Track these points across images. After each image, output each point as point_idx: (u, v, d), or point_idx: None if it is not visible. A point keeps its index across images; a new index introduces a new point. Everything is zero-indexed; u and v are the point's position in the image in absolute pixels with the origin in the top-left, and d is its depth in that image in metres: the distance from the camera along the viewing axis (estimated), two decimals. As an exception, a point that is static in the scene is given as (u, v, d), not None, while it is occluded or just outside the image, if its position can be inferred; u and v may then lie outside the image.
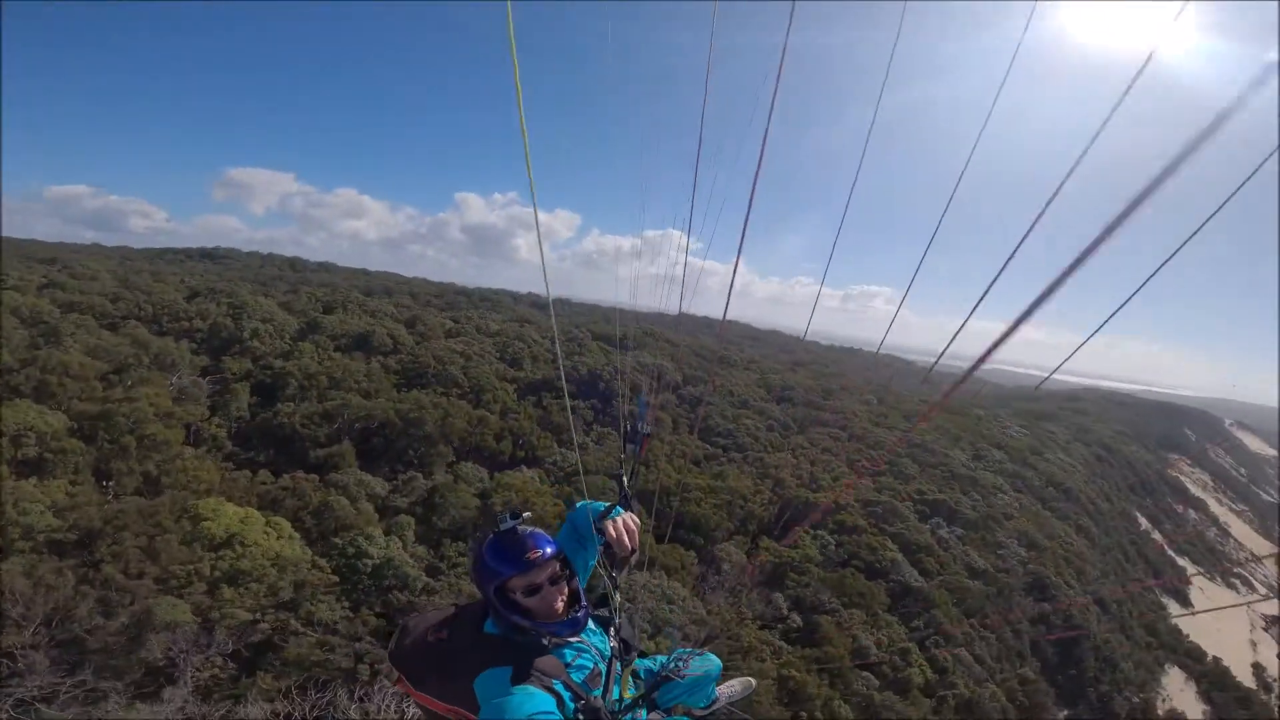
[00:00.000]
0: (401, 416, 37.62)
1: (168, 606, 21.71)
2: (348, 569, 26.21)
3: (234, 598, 23.55)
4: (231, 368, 41.20)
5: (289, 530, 27.50)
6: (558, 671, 2.83)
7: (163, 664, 20.57)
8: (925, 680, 28.90)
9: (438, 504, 31.00)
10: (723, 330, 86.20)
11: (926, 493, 45.09)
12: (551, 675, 2.79)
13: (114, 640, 20.50)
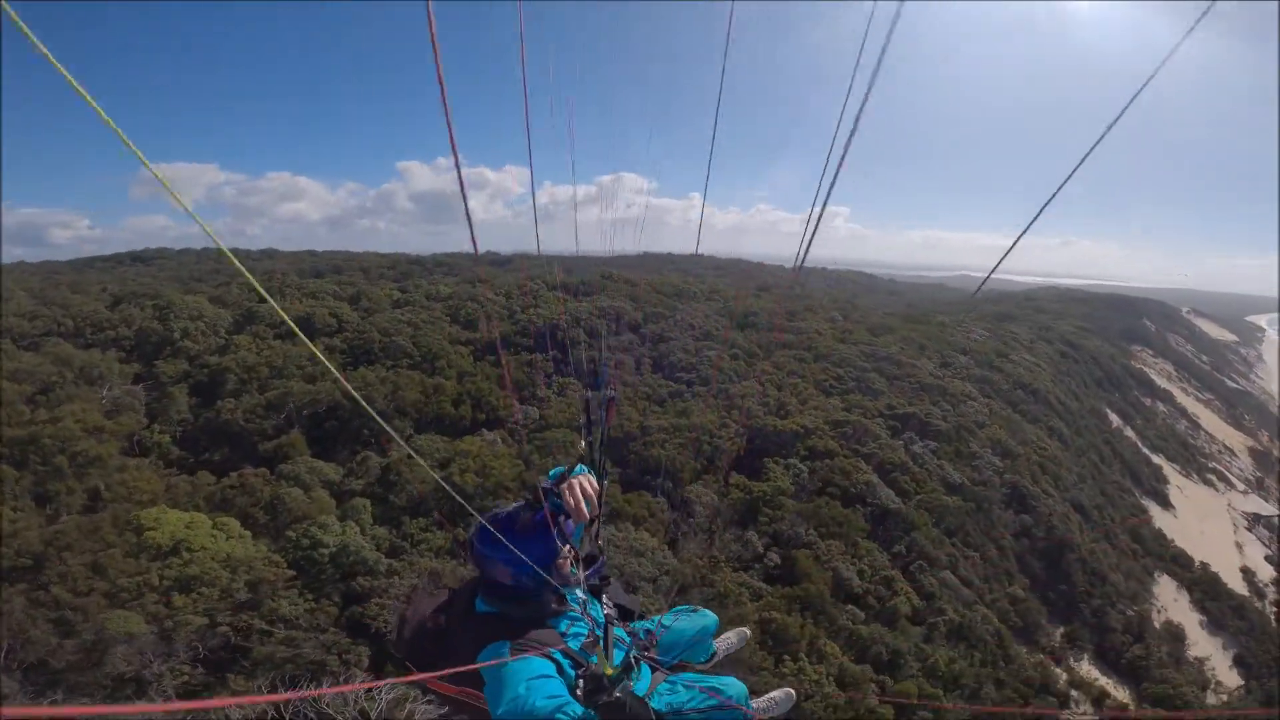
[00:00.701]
0: (348, 396, 35.58)
1: (119, 620, 20.94)
2: (305, 561, 24.80)
3: (186, 604, 22.43)
4: (166, 370, 38.67)
5: (238, 530, 25.88)
6: (555, 641, 2.96)
7: (130, 676, 20.05)
8: (912, 608, 28.08)
9: (393, 482, 29.40)
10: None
11: (896, 407, 43.99)
12: (549, 645, 2.90)
13: (76, 659, 20.16)
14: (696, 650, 3.98)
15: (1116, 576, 36.72)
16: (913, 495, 35.78)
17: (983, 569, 32.97)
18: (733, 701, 3.47)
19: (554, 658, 2.90)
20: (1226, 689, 33.17)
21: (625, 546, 25.12)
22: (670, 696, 3.42)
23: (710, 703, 3.44)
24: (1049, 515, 37.59)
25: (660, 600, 24.14)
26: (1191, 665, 34.08)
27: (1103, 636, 33.31)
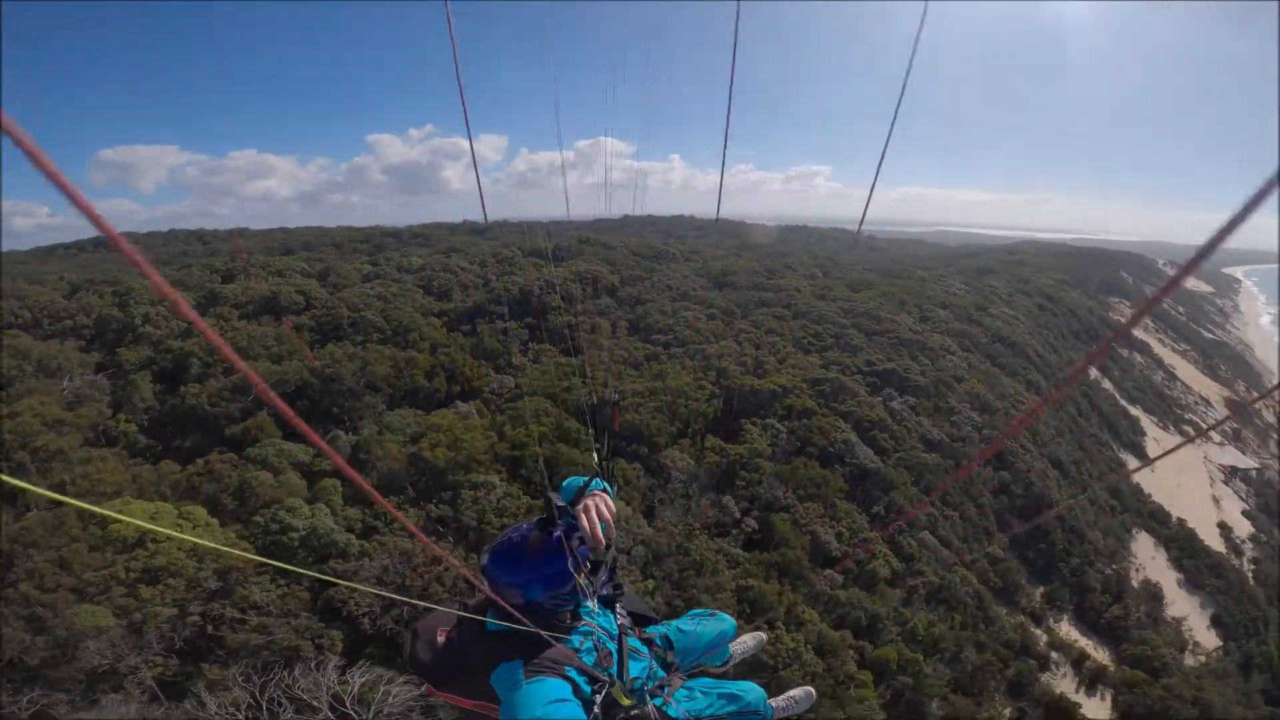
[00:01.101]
0: (317, 374, 34.53)
1: (88, 614, 20.64)
2: (275, 546, 24.12)
3: (153, 596, 21.86)
4: (128, 358, 37.27)
5: (204, 517, 25.05)
6: (568, 659, 2.89)
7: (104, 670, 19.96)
8: (892, 571, 27.71)
9: (363, 460, 28.58)
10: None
11: (876, 363, 43.36)
12: (563, 663, 2.83)
13: (49, 655, 20.03)
14: (714, 655, 3.95)
15: (1095, 534, 36.50)
16: (892, 453, 35.36)
17: (962, 528, 32.62)
18: (751, 706, 3.53)
19: (569, 676, 2.84)
20: (1205, 650, 33.22)
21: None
22: (688, 703, 3.36)
23: (729, 708, 3.46)
24: (1027, 472, 37.28)
25: (635, 571, 23.74)
26: (1170, 625, 34.01)
27: (1082, 596, 33.17)
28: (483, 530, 24.80)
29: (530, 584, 2.94)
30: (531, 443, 29.01)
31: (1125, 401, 59.09)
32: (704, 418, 33.88)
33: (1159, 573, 37.90)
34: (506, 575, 2.95)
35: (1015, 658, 26.79)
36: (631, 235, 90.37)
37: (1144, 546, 40.32)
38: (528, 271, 53.61)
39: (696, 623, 3.92)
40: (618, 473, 28.43)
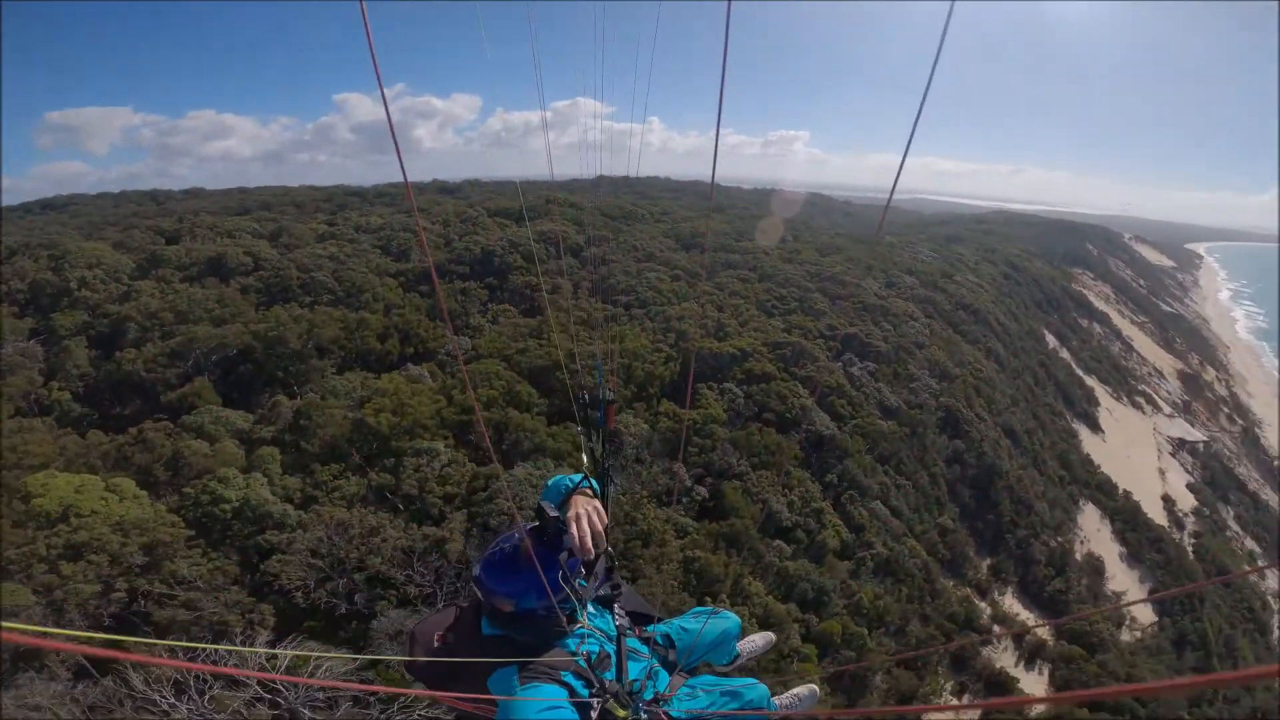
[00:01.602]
0: (260, 338, 32.84)
1: (7, 594, 19.25)
2: (207, 518, 22.88)
3: (75, 573, 20.56)
4: (63, 322, 35.21)
5: (133, 490, 23.65)
6: (565, 663, 2.86)
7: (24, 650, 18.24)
8: (841, 542, 27.24)
9: (304, 427, 27.24)
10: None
11: (838, 328, 42.64)
12: (559, 668, 2.82)
13: None
14: (718, 653, 3.91)
15: (1042, 505, 36.45)
16: (848, 420, 34.78)
17: (914, 498, 32.27)
18: (754, 704, 3.42)
19: (565, 680, 2.79)
20: (1140, 625, 33.54)
21: (540, 485, 23.58)
22: (690, 702, 3.27)
23: (732, 705, 3.36)
24: (980, 440, 37.03)
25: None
26: (1109, 599, 34.21)
27: (1027, 569, 33.17)
28: (424, 499, 23.75)
29: (524, 594, 2.88)
30: (479, 407, 27.84)
31: (1081, 371, 59.39)
32: (660, 381, 32.87)
33: (1103, 546, 38.14)
34: (500, 586, 2.90)
35: (959, 631, 26.69)
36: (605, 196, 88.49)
37: (1090, 519, 40.49)
38: (491, 231, 51.87)
39: (699, 621, 3.86)
40: (565, 437, 27.57)
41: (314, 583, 20.60)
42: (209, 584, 20.68)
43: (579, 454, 20.98)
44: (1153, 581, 36.76)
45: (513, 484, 23.68)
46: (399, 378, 30.84)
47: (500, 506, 22.89)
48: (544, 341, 34.37)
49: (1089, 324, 72.73)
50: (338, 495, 24.60)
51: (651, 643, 3.51)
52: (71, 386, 32.31)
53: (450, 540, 21.96)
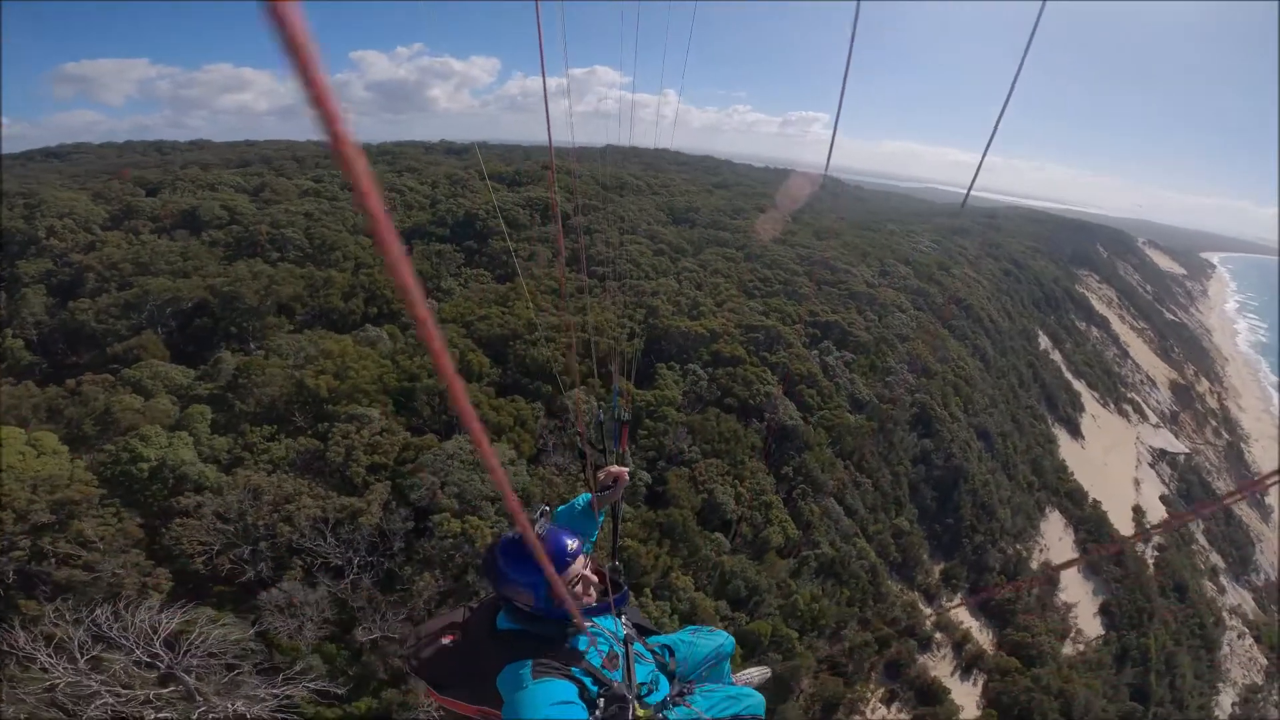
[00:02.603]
0: (216, 293, 31.42)
1: None
2: (123, 476, 21.63)
3: (-26, 530, 19.42)
4: (27, 270, 34.07)
5: (54, 444, 22.41)
6: (575, 659, 2.85)
7: None
8: (786, 538, 25.57)
9: (241, 386, 25.90)
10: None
11: (819, 314, 40.75)
12: (570, 664, 2.80)
13: None
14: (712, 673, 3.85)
15: (1005, 511, 34.63)
16: (815, 411, 33.04)
17: (872, 497, 30.61)
18: (752, 709, 3.45)
19: (576, 677, 2.77)
20: (1085, 639, 31.97)
21: (469, 460, 22.16)
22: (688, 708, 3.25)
23: (731, 709, 3.39)
24: (950, 441, 35.19)
25: (502, 521, 21.59)
26: (1057, 612, 32.66)
27: (979, 576, 31.51)
28: (348, 467, 22.40)
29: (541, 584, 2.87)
30: (422, 374, 26.36)
31: (1071, 374, 56.99)
32: (621, 358, 31.20)
33: (1062, 555, 36.31)
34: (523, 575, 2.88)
35: (898, 637, 25.22)
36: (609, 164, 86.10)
37: (1054, 526, 38.71)
38: (480, 195, 50.03)
39: (696, 636, 3.86)
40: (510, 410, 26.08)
41: (218, 549, 19.41)
42: (109, 546, 19.55)
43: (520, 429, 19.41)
44: (1106, 595, 35.11)
45: (439, 457, 22.26)
46: (348, 340, 29.37)
47: (424, 480, 21.54)
48: (507, 310, 32.76)
49: (1087, 327, 69.96)
50: (265, 459, 23.33)
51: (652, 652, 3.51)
52: (26, 335, 31.29)
53: (366, 512, 20.66)
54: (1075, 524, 39.37)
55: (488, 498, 21.63)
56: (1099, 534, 38.63)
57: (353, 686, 17.60)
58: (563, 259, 31.11)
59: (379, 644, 18.22)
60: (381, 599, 19.15)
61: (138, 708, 15.02)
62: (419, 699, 16.79)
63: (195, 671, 15.90)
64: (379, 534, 20.52)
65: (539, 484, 23.05)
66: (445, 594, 19.57)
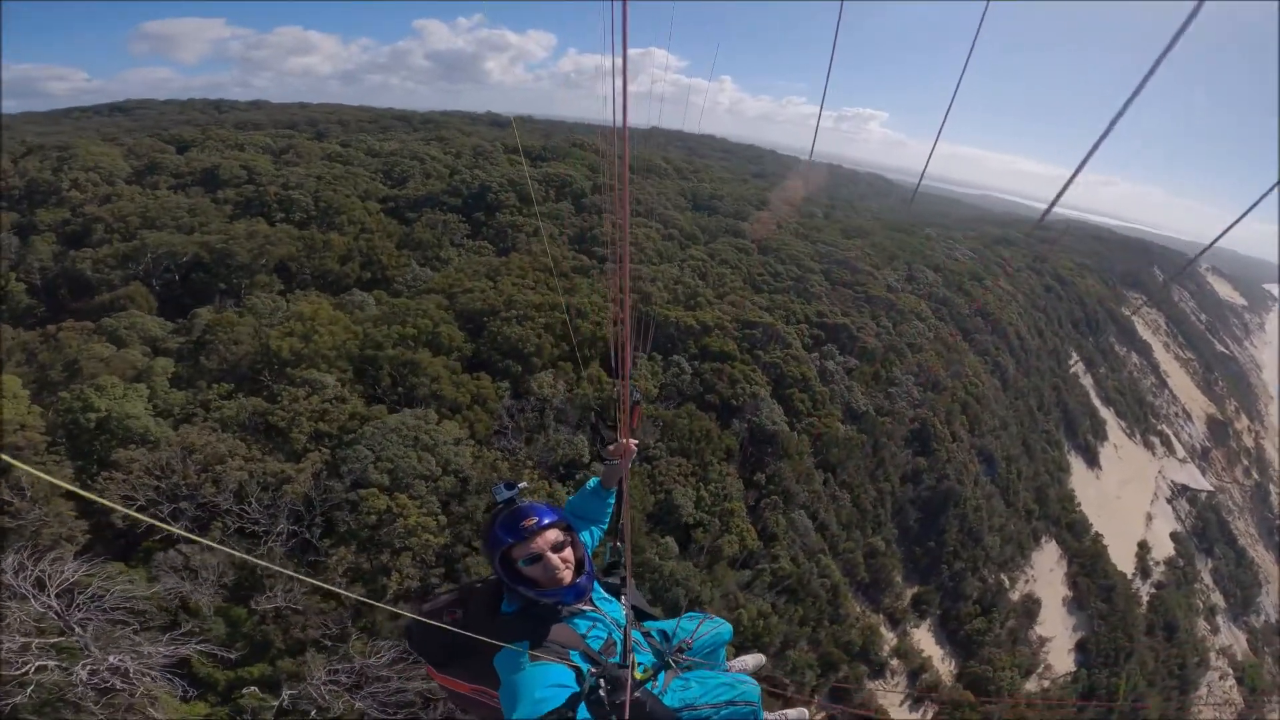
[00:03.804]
0: (210, 250, 31.02)
1: None
2: (72, 425, 21.22)
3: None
4: (44, 218, 34.47)
5: (15, 389, 22.14)
6: (574, 642, 2.88)
7: None
8: (745, 549, 23.74)
9: (207, 342, 25.32)
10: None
11: (827, 315, 38.30)
12: (568, 646, 2.83)
13: None
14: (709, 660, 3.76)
15: (993, 539, 31.96)
16: (803, 418, 30.92)
17: (848, 513, 28.42)
18: (746, 697, 3.30)
19: (572, 660, 2.77)
20: (1054, 674, 29.45)
21: (410, 437, 21.01)
22: (683, 693, 3.24)
23: (725, 696, 3.27)
24: (946, 461, 32.60)
25: (435, 502, 20.44)
26: (1028, 645, 30.20)
27: (953, 604, 29.16)
28: (288, 433, 21.51)
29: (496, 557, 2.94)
30: (388, 344, 25.30)
31: (1100, 401, 52.84)
32: (602, 343, 29.63)
33: (1050, 587, 33.81)
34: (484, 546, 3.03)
35: (849, 661, 23.22)
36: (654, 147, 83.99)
37: (1047, 557, 35.93)
38: (501, 167, 48.85)
39: (693, 623, 3.80)
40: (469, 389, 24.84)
41: (138, 505, 18.76)
42: (36, 494, 19.11)
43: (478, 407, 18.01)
44: (1086, 631, 32.32)
45: (381, 430, 21.17)
46: (325, 303, 28.56)
47: (357, 454, 20.48)
48: (494, 284, 31.49)
49: (1126, 352, 65.03)
50: (216, 417, 22.68)
51: (648, 636, 3.51)
52: (31, 280, 31.55)
53: (295, 480, 19.75)
54: (1070, 556, 36.42)
55: (422, 476, 20.49)
56: (1093, 568, 35.62)
57: (248, 652, 16.84)
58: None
59: (281, 612, 17.36)
60: (292, 568, 18.25)
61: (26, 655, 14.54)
62: (312, 671, 15.91)
63: (92, 626, 15.27)
64: (305, 503, 19.61)
65: (481, 468, 21.74)
66: (357, 570, 18.58)
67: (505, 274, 32.72)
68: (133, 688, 14.04)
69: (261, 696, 15.74)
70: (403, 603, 18.83)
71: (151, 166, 40.62)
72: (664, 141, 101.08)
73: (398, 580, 18.46)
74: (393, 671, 16.68)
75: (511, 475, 21.99)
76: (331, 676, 15.95)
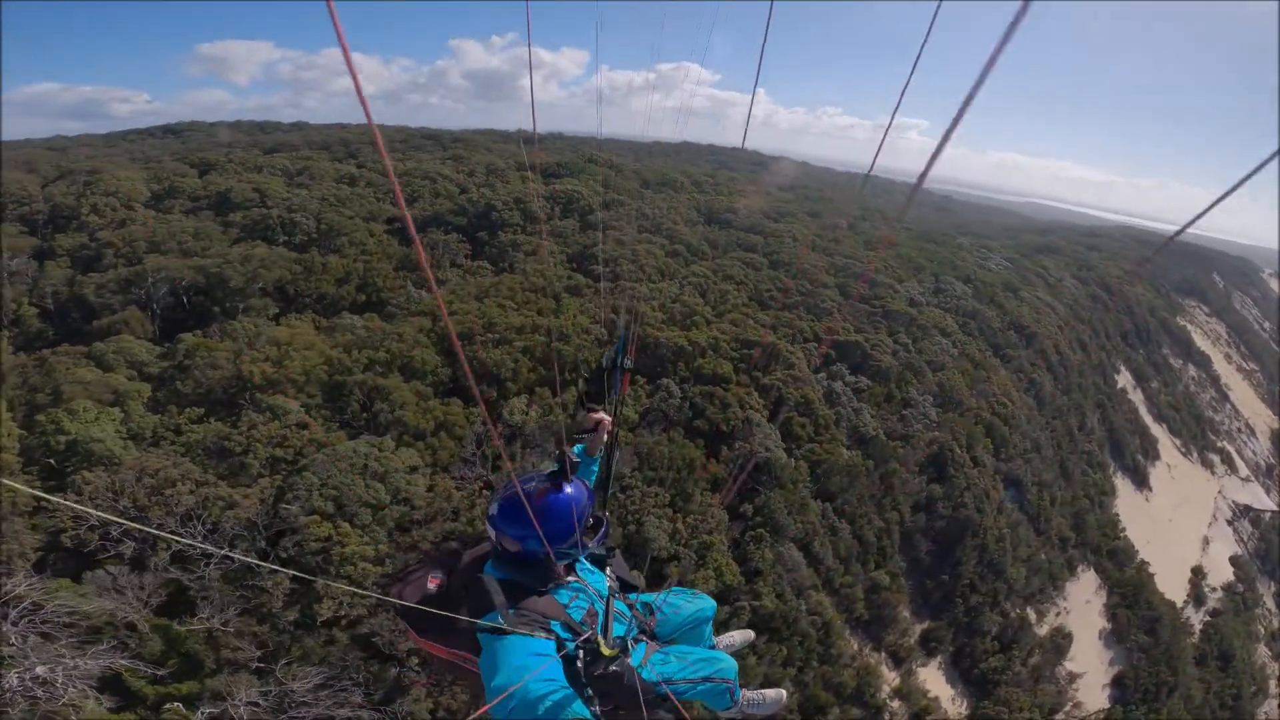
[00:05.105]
0: (204, 274, 31.15)
1: None
2: (42, 449, 21.24)
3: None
4: (62, 244, 35.40)
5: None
6: (556, 612, 2.87)
7: None
8: (723, 585, 21.90)
9: (185, 366, 25.13)
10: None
11: (839, 332, 36.05)
12: (549, 616, 2.82)
13: None
14: (692, 635, 3.75)
15: (1017, 571, 29.13)
16: (803, 444, 28.92)
17: (848, 545, 26.19)
18: (723, 674, 3.37)
19: (553, 630, 2.78)
20: (1084, 712, 26.41)
21: (359, 465, 20.10)
22: (662, 667, 3.23)
23: (703, 671, 3.32)
24: (964, 489, 29.98)
25: (379, 530, 19.44)
26: (1053, 683, 27.27)
27: (969, 639, 26.51)
28: (242, 461, 20.91)
29: (528, 538, 2.93)
30: (357, 369, 24.62)
31: (1151, 417, 48.55)
32: (587, 366, 28.36)
33: (1083, 620, 30.79)
34: (510, 529, 2.96)
35: (839, 703, 21.06)
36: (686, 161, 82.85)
37: (1084, 587, 32.82)
38: (513, 185, 48.43)
39: (679, 598, 3.80)
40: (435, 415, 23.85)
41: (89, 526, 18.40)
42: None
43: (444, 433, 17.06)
44: (1124, 665, 29.06)
45: (331, 457, 20.35)
46: (305, 326, 28.20)
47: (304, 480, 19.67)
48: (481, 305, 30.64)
49: (1183, 365, 60.02)
50: (183, 441, 22.35)
51: (633, 609, 3.46)
52: (44, 305, 32.32)
53: (239, 506, 19.10)
54: (1110, 586, 33.09)
55: (368, 504, 19.55)
56: (1136, 598, 32.24)
57: (182, 669, 16.38)
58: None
59: (213, 634, 16.73)
60: (229, 591, 17.58)
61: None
62: (235, 692, 15.49)
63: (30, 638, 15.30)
64: (250, 527, 18.91)
65: (431, 496, 20.66)
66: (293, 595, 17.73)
67: (494, 295, 31.88)
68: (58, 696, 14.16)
69: (185, 713, 15.53)
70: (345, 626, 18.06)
71: (170, 190, 41.52)
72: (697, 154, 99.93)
73: (330, 607, 17.58)
74: (316, 698, 16.08)
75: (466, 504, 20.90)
76: (251, 699, 15.71)
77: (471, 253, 39.49)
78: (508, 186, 47.44)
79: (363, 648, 17.90)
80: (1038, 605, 29.88)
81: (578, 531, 3.04)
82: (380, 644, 17.55)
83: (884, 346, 36.80)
